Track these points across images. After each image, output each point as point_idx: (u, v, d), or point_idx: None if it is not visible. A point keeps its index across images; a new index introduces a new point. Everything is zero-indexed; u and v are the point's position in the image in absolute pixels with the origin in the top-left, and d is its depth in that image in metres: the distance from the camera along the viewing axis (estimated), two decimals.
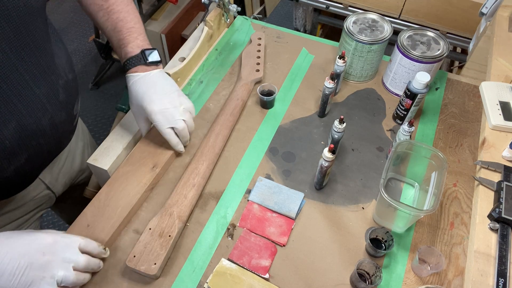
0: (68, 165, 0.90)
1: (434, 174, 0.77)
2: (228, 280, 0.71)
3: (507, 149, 0.79)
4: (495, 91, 0.88)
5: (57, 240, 0.63)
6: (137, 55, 0.79)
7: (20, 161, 0.69)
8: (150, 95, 0.78)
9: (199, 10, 2.25)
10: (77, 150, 0.93)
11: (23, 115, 0.65)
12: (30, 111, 0.66)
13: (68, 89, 0.76)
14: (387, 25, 1.00)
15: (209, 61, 1.11)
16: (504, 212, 0.70)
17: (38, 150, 0.72)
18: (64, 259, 0.63)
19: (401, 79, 0.98)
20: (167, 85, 0.80)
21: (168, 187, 0.85)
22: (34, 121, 0.67)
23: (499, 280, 0.65)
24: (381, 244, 0.76)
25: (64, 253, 0.63)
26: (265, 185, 0.85)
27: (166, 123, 0.79)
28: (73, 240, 0.65)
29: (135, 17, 0.82)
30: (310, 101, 1.02)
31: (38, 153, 0.73)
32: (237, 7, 1.13)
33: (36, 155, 0.73)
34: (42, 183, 0.84)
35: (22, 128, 0.66)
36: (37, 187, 0.83)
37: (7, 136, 0.64)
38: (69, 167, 0.91)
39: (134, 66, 0.79)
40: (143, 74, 0.79)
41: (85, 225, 0.75)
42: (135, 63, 0.79)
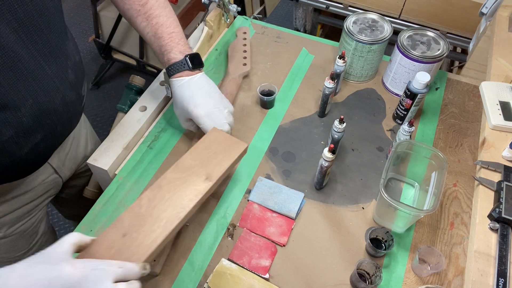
0: (74, 150, 0.92)
1: (434, 174, 0.77)
2: (228, 280, 0.71)
3: (507, 149, 0.79)
4: (495, 91, 0.88)
5: (86, 274, 0.50)
6: (181, 61, 0.81)
7: (36, 139, 0.71)
8: (196, 99, 0.81)
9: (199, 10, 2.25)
10: (81, 136, 0.96)
11: (38, 93, 0.67)
12: (44, 90, 0.68)
13: (76, 70, 0.78)
14: (387, 25, 1.00)
15: (209, 61, 1.11)
16: (504, 212, 0.70)
17: (52, 128, 0.74)
18: None
19: (401, 79, 0.98)
20: (211, 88, 0.84)
21: None
22: (48, 99, 0.69)
23: (499, 280, 0.65)
24: (381, 244, 0.76)
25: None
26: (265, 185, 0.85)
27: (212, 126, 0.81)
28: (107, 272, 0.52)
29: (174, 21, 0.84)
30: (310, 101, 1.02)
31: (52, 132, 0.75)
32: (237, 7, 1.13)
33: (50, 133, 0.75)
34: (50, 167, 0.86)
35: (38, 106, 0.68)
36: (46, 171, 0.85)
37: (25, 114, 0.66)
38: (74, 152, 0.93)
39: (178, 71, 0.81)
40: (187, 78, 0.81)
41: (121, 234, 0.62)
42: (180, 69, 0.81)
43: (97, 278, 0.51)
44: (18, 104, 0.64)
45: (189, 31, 2.18)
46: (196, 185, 0.72)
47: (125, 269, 0.54)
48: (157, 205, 0.67)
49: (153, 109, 0.95)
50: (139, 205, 0.67)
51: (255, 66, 1.10)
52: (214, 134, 0.81)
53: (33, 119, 0.68)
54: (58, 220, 1.82)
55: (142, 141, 0.93)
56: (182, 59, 0.81)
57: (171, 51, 0.81)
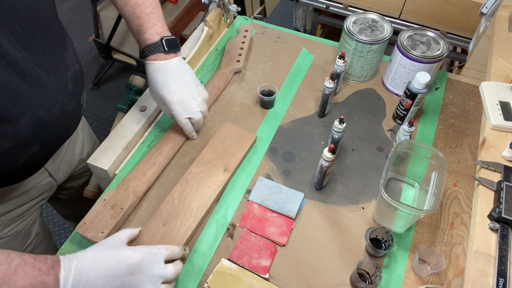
0: (69, 154, 0.92)
1: (434, 174, 0.77)
2: (228, 280, 0.71)
3: (507, 149, 0.79)
4: (495, 91, 0.88)
5: (144, 257, 0.63)
6: (156, 43, 0.79)
7: (33, 150, 0.71)
8: (169, 85, 0.79)
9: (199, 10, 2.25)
10: (78, 139, 0.95)
11: (37, 106, 0.67)
12: (43, 102, 0.68)
13: (76, 79, 0.78)
14: (387, 25, 1.00)
15: (209, 61, 1.11)
16: (504, 212, 0.70)
17: (50, 138, 0.74)
18: (153, 275, 0.63)
19: (401, 79, 0.98)
20: (186, 75, 0.82)
21: (168, 187, 0.85)
22: (47, 111, 0.69)
23: (499, 280, 0.65)
24: (381, 244, 0.76)
25: (152, 270, 0.63)
26: (265, 185, 0.85)
27: (184, 114, 0.81)
28: (159, 254, 0.65)
29: (154, 2, 0.82)
30: (310, 101, 1.02)
31: (49, 142, 0.75)
32: (237, 7, 1.13)
33: (48, 143, 0.75)
34: (45, 170, 0.85)
35: (36, 118, 0.68)
36: (41, 175, 0.84)
37: (24, 127, 0.66)
38: (70, 155, 0.92)
39: (153, 53, 0.79)
40: (162, 62, 0.80)
41: (162, 224, 0.76)
42: (154, 51, 0.79)
43: (152, 259, 0.63)
44: (17, 117, 0.64)
45: (189, 31, 2.18)
46: (216, 176, 0.84)
47: (171, 250, 0.66)
48: (187, 197, 0.80)
49: (153, 109, 0.95)
50: (172, 198, 0.80)
51: (255, 66, 1.10)
52: (227, 128, 0.91)
53: (32, 131, 0.68)
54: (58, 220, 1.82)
55: (142, 141, 0.93)
56: (158, 41, 0.79)
57: (147, 31, 0.79)
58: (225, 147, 0.88)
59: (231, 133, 0.90)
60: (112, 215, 0.77)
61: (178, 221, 0.77)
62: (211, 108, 1.00)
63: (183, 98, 0.80)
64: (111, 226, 0.76)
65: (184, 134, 0.91)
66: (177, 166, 0.89)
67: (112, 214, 0.77)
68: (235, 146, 0.88)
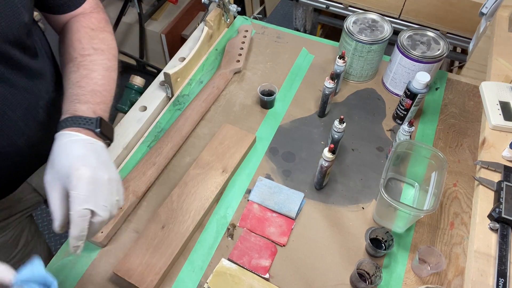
0: None
1: (434, 174, 0.77)
2: (228, 280, 0.71)
3: (507, 149, 0.79)
4: (495, 91, 0.88)
5: None
6: (89, 118, 0.60)
7: None
8: (88, 159, 0.56)
9: (199, 10, 2.25)
10: None
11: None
12: (3, 134, 0.63)
13: (49, 108, 0.70)
14: (387, 25, 1.00)
15: (209, 61, 1.11)
16: (504, 212, 0.70)
17: (15, 167, 0.70)
18: None
19: (401, 79, 0.98)
20: (112, 166, 0.60)
21: (167, 186, 0.85)
22: (7, 143, 0.64)
23: (499, 280, 0.65)
24: (381, 244, 0.76)
25: None
26: (265, 185, 0.85)
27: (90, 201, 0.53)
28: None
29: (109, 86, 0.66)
30: (310, 101, 1.02)
31: (16, 170, 0.71)
32: (237, 7, 1.13)
33: (15, 171, 0.71)
34: (29, 186, 0.80)
35: None
36: (24, 190, 0.79)
37: None
38: None
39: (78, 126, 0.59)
40: (86, 137, 0.58)
41: (160, 226, 0.76)
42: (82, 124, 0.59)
43: None
44: None
45: (189, 31, 2.18)
46: (215, 178, 0.84)
47: None
48: (185, 199, 0.80)
49: (153, 109, 0.95)
50: (171, 201, 0.80)
51: (255, 66, 1.10)
52: (226, 129, 0.91)
53: None
54: None
55: (142, 141, 0.93)
56: (93, 118, 0.60)
57: (86, 102, 0.62)
58: (224, 149, 0.88)
59: (230, 134, 0.91)
60: None
61: (176, 224, 0.77)
62: (211, 108, 1.00)
63: (100, 180, 0.55)
64: (111, 226, 0.76)
65: (184, 134, 0.91)
66: (177, 166, 0.89)
67: None
68: (234, 147, 0.88)
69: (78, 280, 0.73)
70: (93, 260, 0.75)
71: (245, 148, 0.89)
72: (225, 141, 0.89)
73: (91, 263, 0.75)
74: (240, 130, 0.91)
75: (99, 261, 0.75)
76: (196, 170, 0.85)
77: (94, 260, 0.75)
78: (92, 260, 0.75)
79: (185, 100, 1.01)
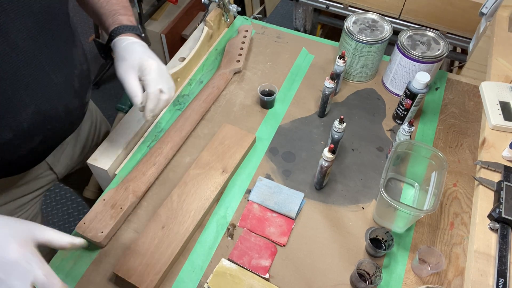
0: (71, 149, 0.90)
1: (434, 174, 0.77)
2: (228, 280, 0.71)
3: (507, 149, 0.79)
4: (495, 91, 0.88)
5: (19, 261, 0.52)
6: (135, 27, 0.78)
7: (35, 143, 0.72)
8: (149, 54, 0.75)
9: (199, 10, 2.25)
10: (81, 134, 0.93)
11: (41, 100, 0.68)
12: (47, 97, 0.69)
13: (82, 78, 0.78)
14: (387, 25, 1.00)
15: (209, 61, 1.11)
16: (504, 212, 0.70)
17: (53, 133, 0.75)
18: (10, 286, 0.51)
19: (401, 79, 0.98)
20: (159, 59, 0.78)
21: (167, 186, 0.85)
22: (51, 106, 0.70)
23: (499, 280, 0.65)
24: (381, 244, 0.76)
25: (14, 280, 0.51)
26: (265, 185, 0.85)
27: (159, 83, 0.72)
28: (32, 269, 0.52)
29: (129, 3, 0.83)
30: (310, 101, 1.02)
31: (52, 136, 0.75)
32: (237, 7, 1.13)
33: (50, 137, 0.75)
34: (45, 163, 0.85)
35: (39, 112, 0.68)
36: (41, 167, 0.84)
37: (26, 119, 0.67)
38: (71, 150, 0.91)
39: (130, 32, 0.77)
40: (138, 40, 0.76)
41: (160, 226, 0.76)
42: (132, 31, 0.77)
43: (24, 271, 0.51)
44: (20, 110, 0.65)
45: (189, 31, 2.18)
46: (215, 178, 0.84)
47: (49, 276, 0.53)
48: (185, 199, 0.80)
49: None
50: (171, 201, 0.80)
51: (255, 66, 1.10)
52: (226, 129, 0.91)
53: (34, 125, 0.68)
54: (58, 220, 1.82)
55: (142, 141, 0.93)
56: (135, 26, 0.79)
57: (124, 15, 0.78)
58: (224, 149, 0.88)
59: (230, 134, 0.91)
60: (111, 215, 0.77)
61: (176, 224, 0.77)
62: (211, 108, 1.00)
63: (162, 67, 0.75)
64: (111, 226, 0.76)
65: (184, 134, 0.91)
66: (177, 166, 0.89)
67: (111, 214, 0.77)
68: (234, 147, 0.88)
69: (78, 280, 0.73)
70: (93, 260, 0.75)
71: (245, 148, 0.89)
72: (225, 141, 0.89)
73: (91, 263, 0.75)
74: (240, 130, 0.91)
75: (99, 261, 0.75)
76: (196, 170, 0.85)
77: (94, 260, 0.75)
78: (92, 260, 0.75)
79: (185, 100, 1.01)
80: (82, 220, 0.76)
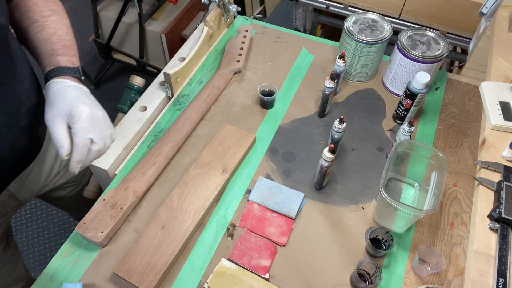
0: (36, 173, 0.86)
1: (434, 174, 0.77)
2: (228, 280, 0.71)
3: (507, 149, 0.79)
4: (495, 91, 0.88)
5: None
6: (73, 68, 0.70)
7: None
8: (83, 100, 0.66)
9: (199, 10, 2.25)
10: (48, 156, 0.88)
11: None
12: None
13: (31, 114, 0.73)
14: (387, 25, 1.00)
15: (209, 61, 1.11)
16: (504, 212, 0.70)
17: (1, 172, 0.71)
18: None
19: (401, 79, 0.98)
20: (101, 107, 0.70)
21: (167, 186, 0.85)
22: None
23: (499, 280, 0.65)
24: (381, 244, 0.76)
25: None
26: (265, 185, 0.85)
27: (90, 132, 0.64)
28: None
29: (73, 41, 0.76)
30: (310, 101, 1.02)
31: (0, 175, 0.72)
32: (237, 7, 1.13)
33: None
34: (7, 191, 0.80)
35: None
36: (2, 196, 0.79)
37: None
38: (36, 175, 0.86)
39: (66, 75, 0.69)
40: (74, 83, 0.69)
41: (160, 226, 0.77)
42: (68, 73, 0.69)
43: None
44: None
45: (189, 31, 2.18)
46: (215, 178, 0.84)
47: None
48: (185, 199, 0.80)
49: (153, 109, 0.95)
50: (171, 201, 0.80)
51: (255, 66, 1.10)
52: (226, 129, 0.91)
53: None
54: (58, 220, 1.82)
55: (142, 141, 0.93)
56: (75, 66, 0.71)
57: (63, 55, 0.71)
58: (224, 149, 0.88)
59: (230, 134, 0.91)
60: (111, 215, 0.77)
61: (176, 223, 0.77)
62: (211, 108, 1.00)
63: (96, 115, 0.66)
64: (111, 226, 0.76)
65: (184, 134, 0.91)
66: (177, 166, 0.89)
67: (112, 214, 0.77)
68: (234, 147, 0.88)
69: (78, 280, 0.73)
70: (93, 260, 0.75)
71: (245, 148, 0.89)
72: (225, 141, 0.89)
73: (91, 263, 0.75)
74: (240, 130, 0.91)
75: (99, 261, 0.75)
76: (196, 170, 0.85)
77: (94, 260, 0.75)
78: (92, 260, 0.75)
79: (185, 100, 1.01)
80: (82, 220, 0.76)
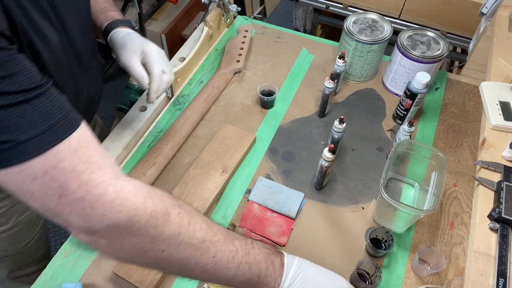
0: None
1: (434, 174, 0.77)
2: None
3: (507, 149, 0.79)
4: (495, 91, 0.88)
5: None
6: (127, 20, 0.82)
7: None
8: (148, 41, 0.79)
9: (199, 10, 2.25)
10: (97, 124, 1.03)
11: (90, 86, 0.76)
12: (91, 83, 0.77)
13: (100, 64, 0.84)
14: (387, 25, 1.00)
15: (209, 61, 1.11)
16: (504, 212, 0.70)
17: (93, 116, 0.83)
18: None
19: (401, 79, 0.98)
20: None
21: (167, 186, 0.85)
22: (94, 90, 0.79)
23: (499, 280, 0.65)
24: (381, 244, 0.76)
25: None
26: (265, 185, 0.85)
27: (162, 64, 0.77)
28: None
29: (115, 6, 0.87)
30: (310, 101, 1.02)
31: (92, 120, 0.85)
32: (237, 7, 1.13)
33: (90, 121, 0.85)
34: None
35: (89, 96, 0.76)
36: None
37: (83, 103, 0.75)
38: None
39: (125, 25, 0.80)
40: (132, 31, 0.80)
41: None
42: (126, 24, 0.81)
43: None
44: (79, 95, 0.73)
45: (189, 31, 2.18)
46: (215, 178, 0.84)
47: None
48: (185, 199, 0.80)
49: (153, 109, 0.95)
50: None
51: (255, 66, 1.10)
52: (226, 129, 0.92)
53: (86, 109, 0.77)
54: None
55: (142, 141, 0.93)
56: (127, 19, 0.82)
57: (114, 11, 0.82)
58: (224, 149, 0.88)
59: (230, 134, 0.91)
60: None
61: None
62: (211, 108, 1.00)
63: (162, 52, 0.79)
64: None
65: (184, 134, 0.91)
66: (177, 166, 0.89)
67: None
68: (234, 147, 0.88)
69: (78, 280, 0.73)
70: (93, 260, 0.75)
71: (245, 148, 0.89)
72: (225, 141, 0.89)
73: (91, 263, 0.75)
74: (240, 130, 0.91)
75: (99, 261, 0.75)
76: (196, 170, 0.85)
77: (94, 260, 0.75)
78: (92, 260, 0.75)
79: (185, 100, 1.01)
80: None
